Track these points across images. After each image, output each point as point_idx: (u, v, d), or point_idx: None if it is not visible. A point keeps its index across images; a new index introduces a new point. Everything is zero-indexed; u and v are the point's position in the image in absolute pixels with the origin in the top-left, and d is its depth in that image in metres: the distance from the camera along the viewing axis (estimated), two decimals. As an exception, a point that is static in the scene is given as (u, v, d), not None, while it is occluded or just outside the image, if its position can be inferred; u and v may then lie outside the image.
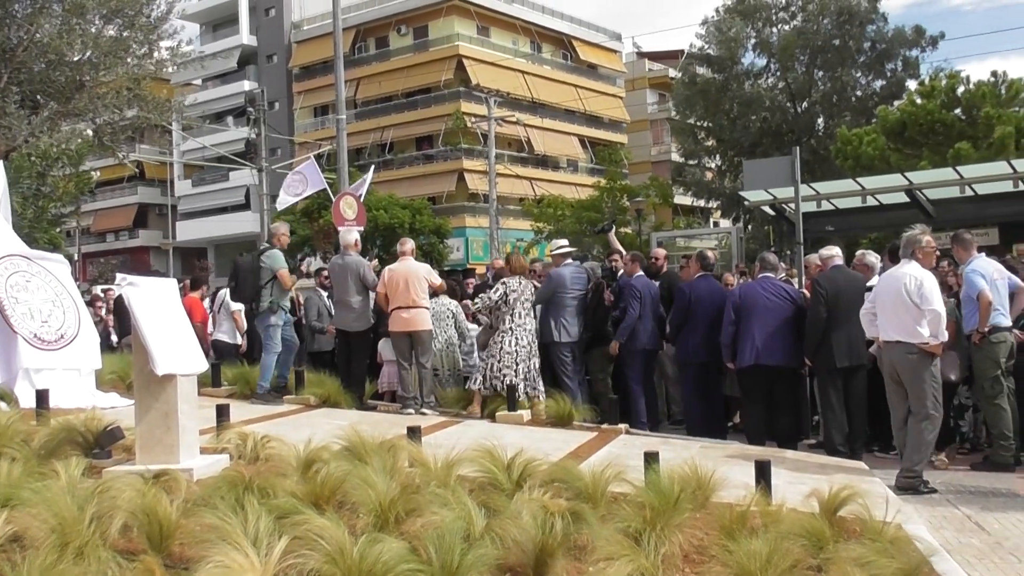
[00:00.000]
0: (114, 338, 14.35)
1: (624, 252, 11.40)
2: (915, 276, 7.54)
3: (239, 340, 13.09)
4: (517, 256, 10.77)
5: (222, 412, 7.56)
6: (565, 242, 11.59)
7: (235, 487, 5.09)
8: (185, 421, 6.09)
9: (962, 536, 6.13)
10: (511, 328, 9.79)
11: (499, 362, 9.70)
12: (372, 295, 10.77)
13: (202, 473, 5.84)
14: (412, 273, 10.09)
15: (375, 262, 11.74)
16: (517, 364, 9.69)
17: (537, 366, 9.89)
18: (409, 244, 10.66)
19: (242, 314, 12.72)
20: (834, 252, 9.37)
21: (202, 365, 6.54)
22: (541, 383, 9.87)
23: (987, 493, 7.35)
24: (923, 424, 7.46)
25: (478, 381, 9.81)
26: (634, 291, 10.28)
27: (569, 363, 10.38)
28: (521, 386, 9.66)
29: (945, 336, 7.54)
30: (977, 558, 5.61)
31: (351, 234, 10.98)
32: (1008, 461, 8.15)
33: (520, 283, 9.97)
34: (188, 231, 61.02)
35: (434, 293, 10.52)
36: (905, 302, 7.47)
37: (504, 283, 9.96)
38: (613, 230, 12.63)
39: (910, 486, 7.31)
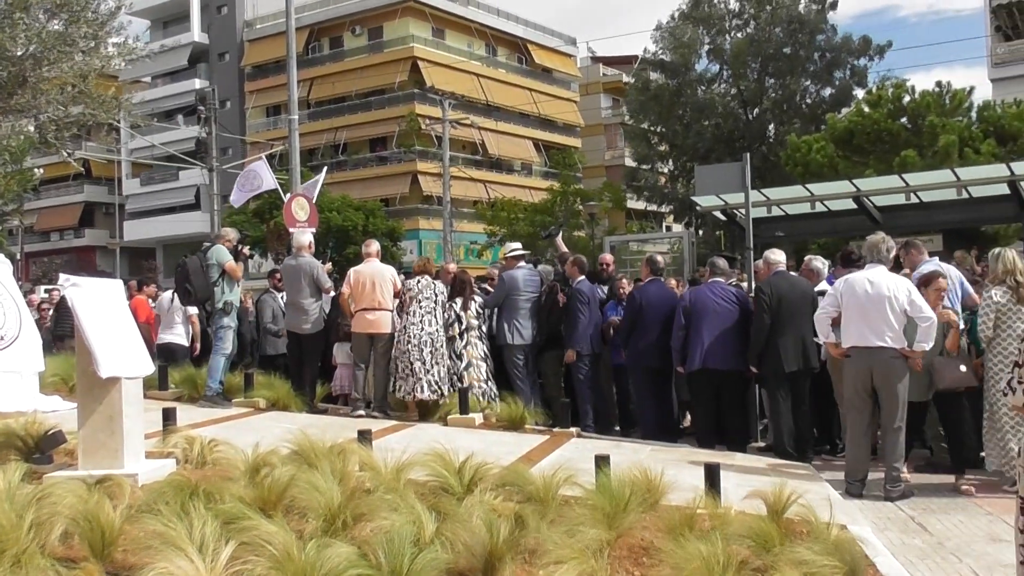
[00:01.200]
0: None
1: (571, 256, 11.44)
2: (901, 284, 7.58)
3: (187, 342, 12.89)
4: (423, 259, 10.86)
5: (168, 415, 7.46)
6: (518, 245, 11.61)
7: (181, 492, 5.02)
8: (130, 425, 5.98)
9: (905, 537, 6.22)
10: (404, 327, 9.89)
11: (403, 368, 9.77)
12: (325, 297, 10.70)
13: (147, 478, 5.75)
14: (379, 275, 10.09)
15: (328, 265, 11.65)
16: (412, 364, 9.70)
17: (440, 368, 9.87)
18: (375, 245, 10.66)
19: (197, 317, 12.56)
20: (778, 258, 9.33)
21: (148, 367, 6.43)
22: (447, 384, 9.89)
23: (930, 495, 7.45)
24: (899, 435, 7.52)
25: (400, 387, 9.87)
26: (581, 296, 10.30)
27: (521, 366, 10.38)
28: (423, 386, 9.69)
29: (931, 344, 7.64)
30: (919, 558, 5.69)
31: (305, 235, 10.91)
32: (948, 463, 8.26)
33: (418, 283, 10.02)
34: (136, 231, 60.19)
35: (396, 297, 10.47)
36: (894, 309, 7.45)
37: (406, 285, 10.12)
38: (560, 235, 12.64)
39: (903, 493, 7.34)
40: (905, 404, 7.58)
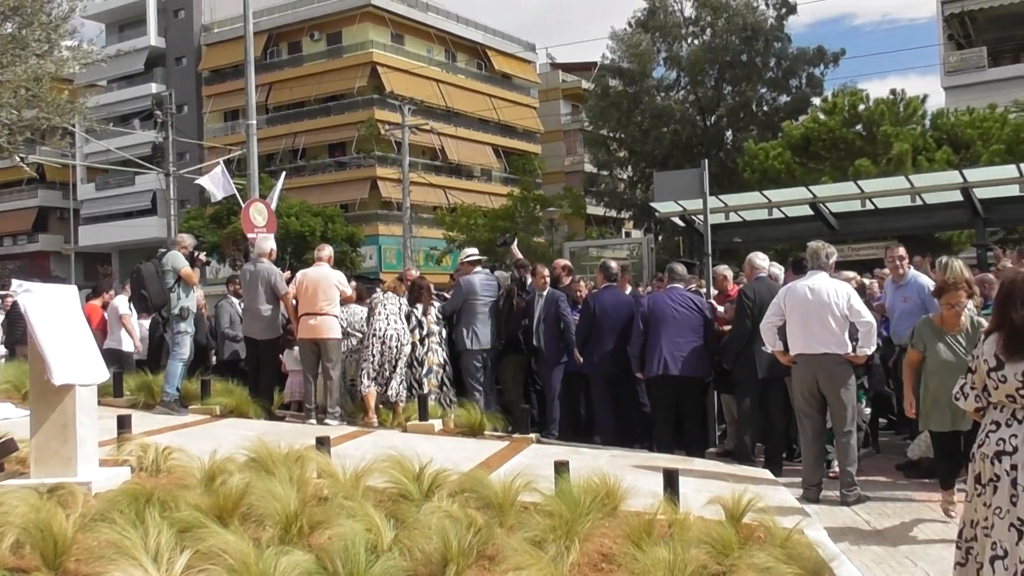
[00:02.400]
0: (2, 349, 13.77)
1: (528, 264, 11.45)
2: (841, 289, 7.69)
3: (132, 348, 12.73)
4: (396, 283, 10.92)
5: (123, 423, 7.36)
6: (475, 250, 11.61)
7: (136, 500, 4.95)
8: (84, 432, 5.90)
9: (861, 541, 6.30)
10: (371, 326, 9.93)
11: (363, 368, 9.83)
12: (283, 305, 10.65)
13: (101, 486, 5.67)
14: (324, 279, 10.02)
15: (288, 272, 11.58)
16: (377, 363, 9.75)
17: (399, 371, 9.89)
18: (327, 251, 10.61)
19: (132, 319, 12.42)
20: (762, 262, 9.31)
21: (102, 375, 6.34)
22: (404, 390, 9.92)
23: (885, 499, 7.55)
24: (850, 439, 7.64)
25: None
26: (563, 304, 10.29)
27: (478, 371, 10.37)
28: (373, 389, 9.74)
29: (874, 347, 7.76)
30: (875, 562, 5.76)
31: (267, 242, 10.81)
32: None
33: (384, 295, 10.18)
34: (91, 236, 59.38)
35: (344, 302, 10.41)
36: (835, 315, 7.56)
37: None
38: (515, 243, 12.65)
39: (859, 498, 7.43)
40: (854, 409, 7.72)
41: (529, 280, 10.83)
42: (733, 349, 8.97)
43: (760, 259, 9.36)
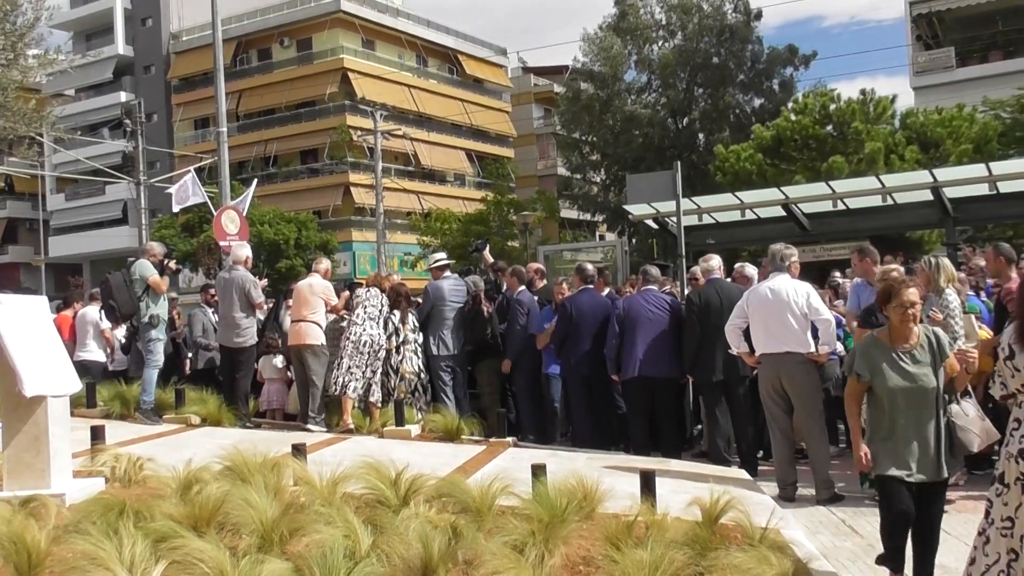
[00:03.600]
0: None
1: (506, 267, 11.45)
2: (800, 288, 7.76)
3: (104, 358, 12.63)
4: (376, 275, 10.92)
5: (97, 433, 7.30)
6: (443, 255, 11.61)
7: (110, 511, 4.92)
8: (57, 444, 5.85)
9: (837, 539, 6.33)
10: (348, 328, 9.96)
11: (340, 366, 9.81)
12: (258, 313, 10.61)
13: (75, 498, 5.62)
14: (310, 289, 10.10)
15: (264, 281, 11.52)
16: (350, 371, 9.74)
17: (375, 371, 9.89)
18: (323, 264, 10.79)
19: (109, 331, 12.32)
20: (710, 265, 9.33)
21: (74, 385, 6.29)
22: (378, 391, 9.94)
23: (860, 497, 7.59)
24: (820, 437, 7.72)
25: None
26: (520, 307, 10.31)
27: (447, 377, 10.34)
28: (349, 391, 9.71)
29: (836, 345, 7.80)
30: (851, 560, 5.80)
31: (243, 249, 10.76)
32: None
33: (367, 292, 10.13)
34: (62, 247, 58.82)
35: (331, 312, 10.39)
36: (795, 314, 7.64)
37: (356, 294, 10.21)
38: (487, 248, 12.64)
39: (834, 496, 7.50)
40: (820, 408, 7.76)
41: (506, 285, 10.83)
42: (687, 354, 9.01)
43: (709, 261, 9.40)
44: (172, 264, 10.66)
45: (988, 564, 4.12)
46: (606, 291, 10.67)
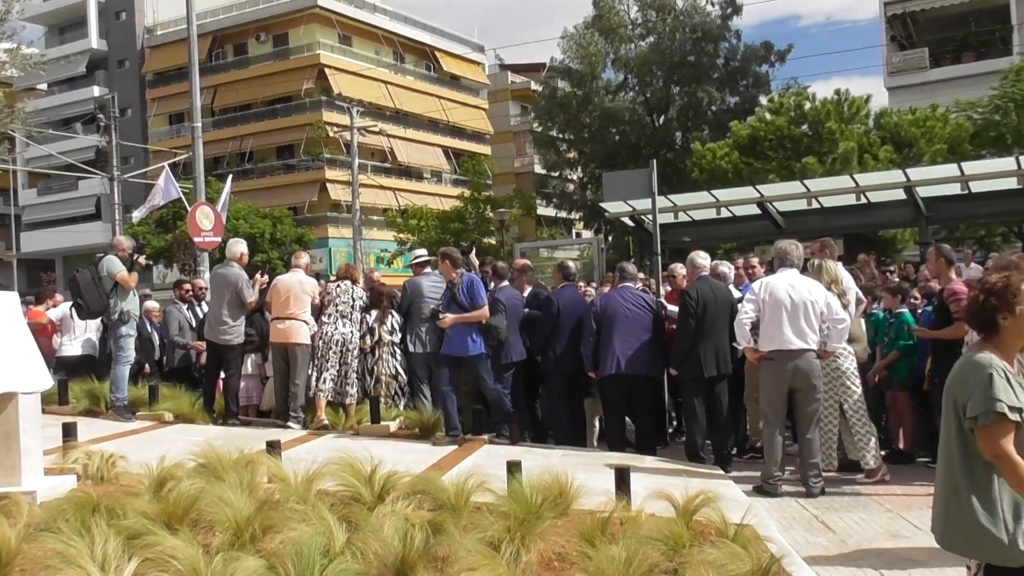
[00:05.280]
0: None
1: (491, 261, 11.43)
2: (814, 287, 7.84)
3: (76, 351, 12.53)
4: (347, 266, 10.82)
5: (69, 431, 7.25)
6: (423, 252, 11.55)
7: (82, 509, 4.88)
8: (28, 441, 5.80)
9: (810, 535, 6.37)
10: (320, 328, 9.90)
11: (314, 366, 9.76)
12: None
13: (46, 495, 5.57)
14: (296, 285, 9.99)
15: (264, 277, 11.41)
16: (323, 371, 9.71)
17: (348, 370, 9.87)
18: (304, 258, 10.62)
19: (73, 323, 12.22)
20: (703, 262, 9.31)
21: (46, 382, 6.23)
22: (354, 389, 9.91)
23: (832, 494, 7.65)
24: (818, 431, 7.85)
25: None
26: (499, 304, 10.26)
27: (423, 375, 10.31)
28: (325, 390, 9.68)
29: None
30: (823, 555, 5.84)
31: (238, 245, 10.56)
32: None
33: (338, 287, 10.04)
34: (34, 242, 58.31)
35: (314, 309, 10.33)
36: (816, 311, 7.71)
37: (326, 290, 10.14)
38: (473, 252, 12.58)
39: (823, 489, 7.64)
40: (822, 402, 7.87)
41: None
42: (680, 349, 8.98)
43: (702, 258, 9.39)
44: (141, 260, 10.51)
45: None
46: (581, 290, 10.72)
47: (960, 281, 8.05)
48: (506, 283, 10.46)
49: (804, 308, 7.73)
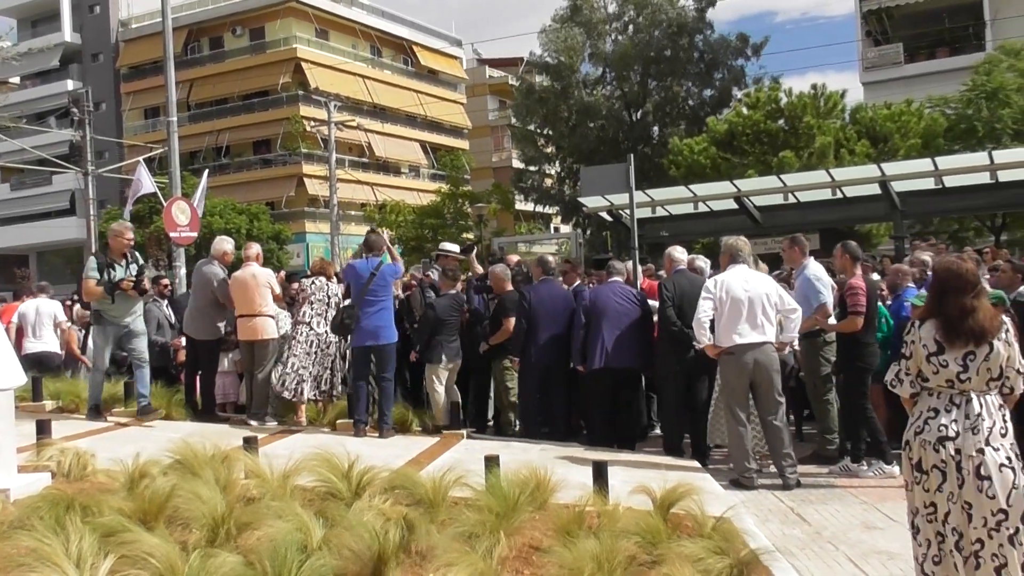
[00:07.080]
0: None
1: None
2: (767, 280, 8.01)
3: (58, 350, 12.42)
4: (321, 261, 10.62)
5: (43, 428, 7.19)
6: (453, 246, 11.71)
7: (56, 506, 4.84)
8: (1, 439, 5.74)
9: (786, 528, 6.42)
10: (294, 326, 9.82)
11: (291, 367, 9.61)
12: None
13: (20, 493, 5.53)
14: (252, 280, 9.80)
15: (281, 273, 11.15)
16: (304, 368, 9.60)
17: (325, 370, 9.75)
18: (254, 249, 10.35)
19: (69, 326, 12.12)
20: (680, 256, 9.39)
21: (19, 379, 6.17)
22: (335, 387, 9.81)
23: (808, 486, 7.70)
24: (784, 421, 7.94)
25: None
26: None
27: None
28: (306, 387, 9.56)
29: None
30: (799, 548, 5.88)
31: (223, 243, 10.29)
32: (833, 455, 8.56)
33: (313, 284, 9.87)
34: (7, 238, 57.70)
35: (279, 301, 10.22)
36: (771, 305, 7.85)
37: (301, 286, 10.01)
38: (474, 251, 12.49)
39: (799, 481, 7.72)
40: (782, 393, 7.92)
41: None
42: (667, 338, 8.99)
43: (679, 252, 9.47)
44: (126, 284, 10.00)
45: (924, 553, 4.23)
46: (576, 283, 10.68)
47: (860, 277, 8.22)
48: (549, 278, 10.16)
49: (760, 302, 7.85)
